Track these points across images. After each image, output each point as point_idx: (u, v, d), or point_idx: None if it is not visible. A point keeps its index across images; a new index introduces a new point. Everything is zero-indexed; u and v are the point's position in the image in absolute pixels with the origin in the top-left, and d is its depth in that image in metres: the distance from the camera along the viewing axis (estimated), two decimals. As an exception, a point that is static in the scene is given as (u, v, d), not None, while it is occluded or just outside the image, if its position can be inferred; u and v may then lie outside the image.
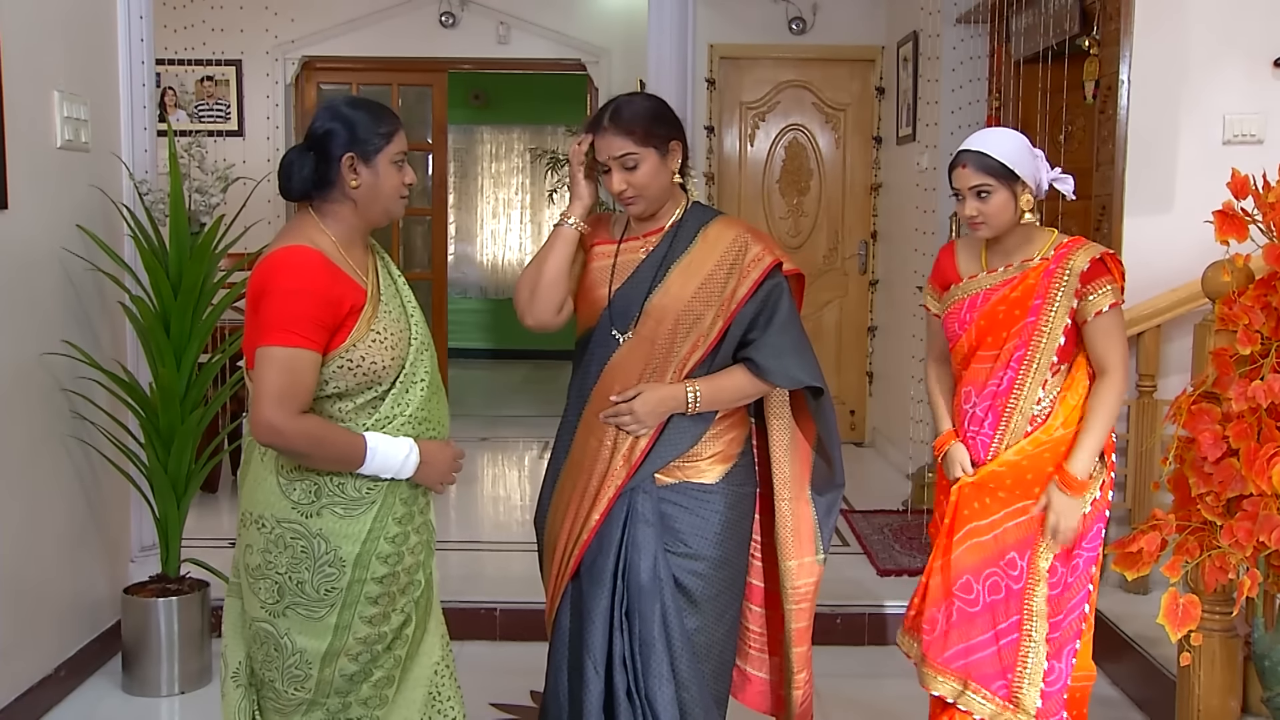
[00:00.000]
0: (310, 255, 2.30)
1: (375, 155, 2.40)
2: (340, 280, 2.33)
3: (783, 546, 2.80)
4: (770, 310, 2.65)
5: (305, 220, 2.41)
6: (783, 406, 2.82)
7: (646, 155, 2.63)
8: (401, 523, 2.43)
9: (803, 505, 2.82)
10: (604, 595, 2.66)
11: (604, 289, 2.72)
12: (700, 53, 7.10)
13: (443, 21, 7.63)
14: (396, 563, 2.42)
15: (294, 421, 2.26)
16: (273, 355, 2.25)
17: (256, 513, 2.39)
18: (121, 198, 4.09)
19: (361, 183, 2.39)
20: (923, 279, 5.91)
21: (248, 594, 2.43)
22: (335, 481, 2.35)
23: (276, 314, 2.26)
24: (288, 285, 2.27)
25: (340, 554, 2.35)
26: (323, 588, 2.35)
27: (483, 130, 12.04)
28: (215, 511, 5.63)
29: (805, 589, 2.81)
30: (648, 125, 2.63)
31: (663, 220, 2.73)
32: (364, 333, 2.34)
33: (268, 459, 2.38)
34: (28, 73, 3.53)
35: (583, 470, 2.72)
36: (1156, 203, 4.14)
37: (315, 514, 2.35)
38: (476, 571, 4.76)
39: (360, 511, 2.37)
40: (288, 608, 2.36)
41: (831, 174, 7.43)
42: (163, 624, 3.79)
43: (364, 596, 2.38)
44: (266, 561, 2.37)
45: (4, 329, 3.42)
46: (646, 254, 2.71)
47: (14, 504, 3.48)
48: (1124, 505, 4.17)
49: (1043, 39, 4.87)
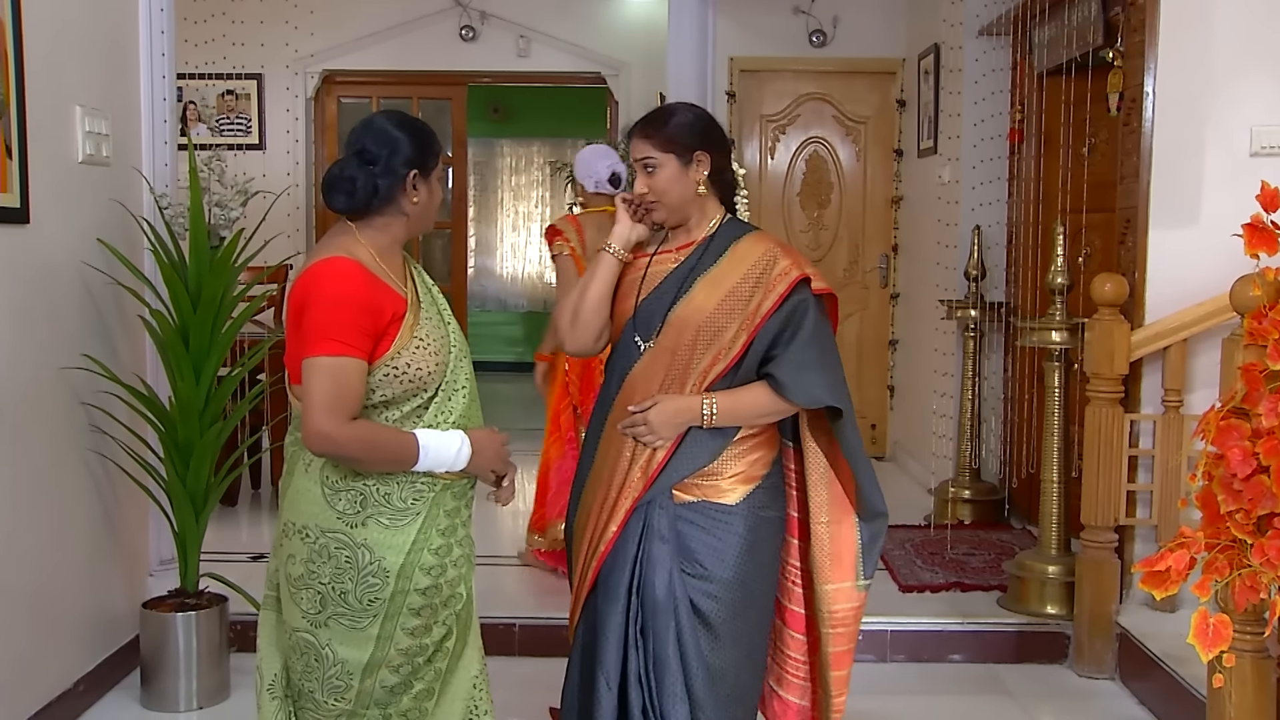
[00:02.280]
0: (349, 265, 2.34)
1: (431, 173, 2.48)
2: (380, 289, 2.36)
3: (819, 570, 2.73)
4: (795, 326, 2.60)
5: (343, 232, 2.44)
6: (818, 430, 2.75)
7: (665, 162, 2.64)
8: (445, 534, 2.45)
9: (845, 529, 2.73)
10: (618, 611, 2.63)
11: (632, 299, 2.71)
12: (720, 65, 7.10)
13: (463, 35, 7.65)
14: (439, 574, 2.43)
15: (346, 428, 2.28)
16: (320, 365, 2.28)
17: (300, 523, 2.40)
18: (142, 212, 4.10)
19: (420, 199, 2.46)
20: (945, 292, 5.93)
21: (288, 604, 2.44)
22: (381, 492, 2.37)
23: (320, 324, 2.29)
24: (329, 295, 2.30)
25: (384, 564, 2.36)
26: (366, 598, 2.37)
27: (502, 143, 12.05)
28: (235, 525, 5.62)
29: (843, 614, 2.74)
30: (670, 132, 2.64)
31: (696, 234, 2.72)
32: (407, 340, 2.36)
33: (312, 469, 2.39)
34: (50, 88, 3.53)
35: (602, 481, 2.71)
36: (1182, 216, 4.09)
37: (360, 524, 2.36)
38: (495, 586, 4.73)
39: (405, 522, 2.38)
40: (330, 618, 2.38)
41: (852, 187, 7.40)
42: (181, 639, 3.77)
43: (406, 608, 2.39)
44: (309, 571, 2.38)
45: (25, 342, 3.42)
46: (676, 265, 2.70)
47: (33, 517, 3.48)
48: (1150, 522, 4.12)
49: (1066, 51, 4.83)
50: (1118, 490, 4.07)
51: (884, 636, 4.30)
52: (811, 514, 2.74)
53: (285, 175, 6.82)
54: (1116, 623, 4.03)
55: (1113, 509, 4.06)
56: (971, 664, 4.26)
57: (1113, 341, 4.00)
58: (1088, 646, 4.06)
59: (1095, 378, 4.05)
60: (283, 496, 2.50)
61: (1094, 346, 4.03)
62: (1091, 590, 4.07)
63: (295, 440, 2.47)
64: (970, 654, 4.27)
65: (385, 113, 2.54)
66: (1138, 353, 4.04)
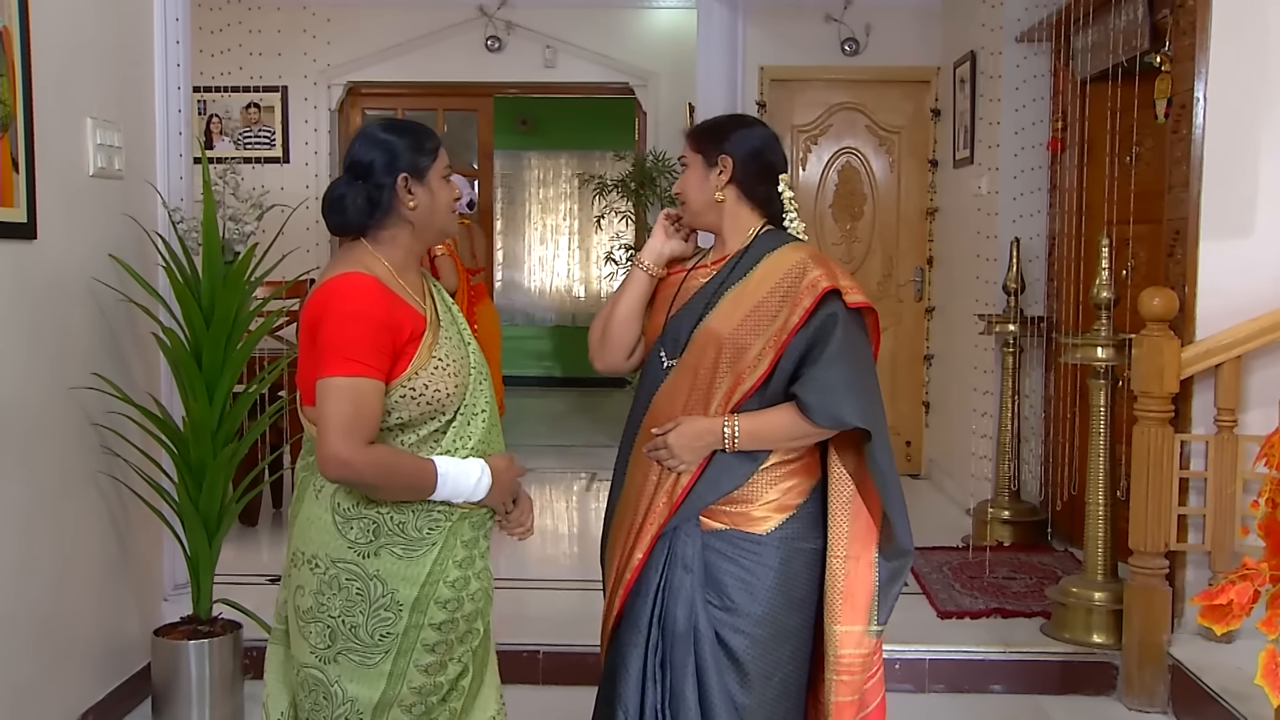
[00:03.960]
0: (365, 280, 2.23)
1: (427, 172, 2.35)
2: (399, 305, 2.25)
3: (829, 608, 2.51)
4: (823, 342, 2.41)
5: (357, 248, 2.33)
6: (848, 454, 2.56)
7: (692, 161, 2.60)
8: (462, 566, 2.33)
9: (862, 567, 2.52)
10: (639, 642, 2.51)
11: (662, 315, 2.60)
12: (750, 75, 6.98)
13: (488, 45, 7.55)
14: (456, 609, 2.32)
15: (363, 453, 2.16)
16: (336, 385, 2.16)
17: (309, 552, 2.29)
18: (156, 226, 3.99)
19: (418, 202, 2.34)
20: (985, 306, 5.76)
21: (296, 638, 2.33)
22: (395, 520, 2.26)
23: (336, 342, 2.17)
24: (345, 311, 2.19)
25: (397, 597, 2.25)
26: (377, 632, 2.25)
27: (530, 156, 11.97)
28: (255, 546, 5.51)
29: (850, 660, 2.51)
30: (700, 132, 2.62)
31: (733, 247, 2.60)
32: (425, 360, 2.25)
33: (323, 496, 2.28)
34: (59, 99, 3.43)
35: (629, 506, 2.58)
36: (1235, 227, 3.92)
37: (373, 554, 2.25)
38: (519, 611, 4.58)
39: (420, 553, 2.27)
40: (339, 653, 2.26)
41: (885, 198, 7.24)
42: (193, 667, 3.65)
43: (420, 643, 2.28)
44: (319, 604, 2.27)
45: (34, 361, 3.31)
46: (708, 280, 2.58)
47: (42, 542, 3.37)
48: (1202, 547, 3.93)
49: (1110, 56, 4.67)
50: (1168, 514, 3.89)
51: (922, 665, 4.14)
52: (830, 546, 2.53)
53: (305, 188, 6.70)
54: (1168, 653, 3.84)
55: (1163, 534, 3.89)
56: (1015, 695, 4.08)
57: (1162, 358, 3.83)
58: (1137, 678, 3.88)
59: (1144, 396, 3.88)
60: (292, 524, 2.39)
61: (1142, 363, 3.86)
62: (1141, 619, 3.89)
63: (307, 465, 2.36)
64: (1013, 684, 4.10)
65: (373, 121, 2.43)
66: (1188, 370, 3.87)
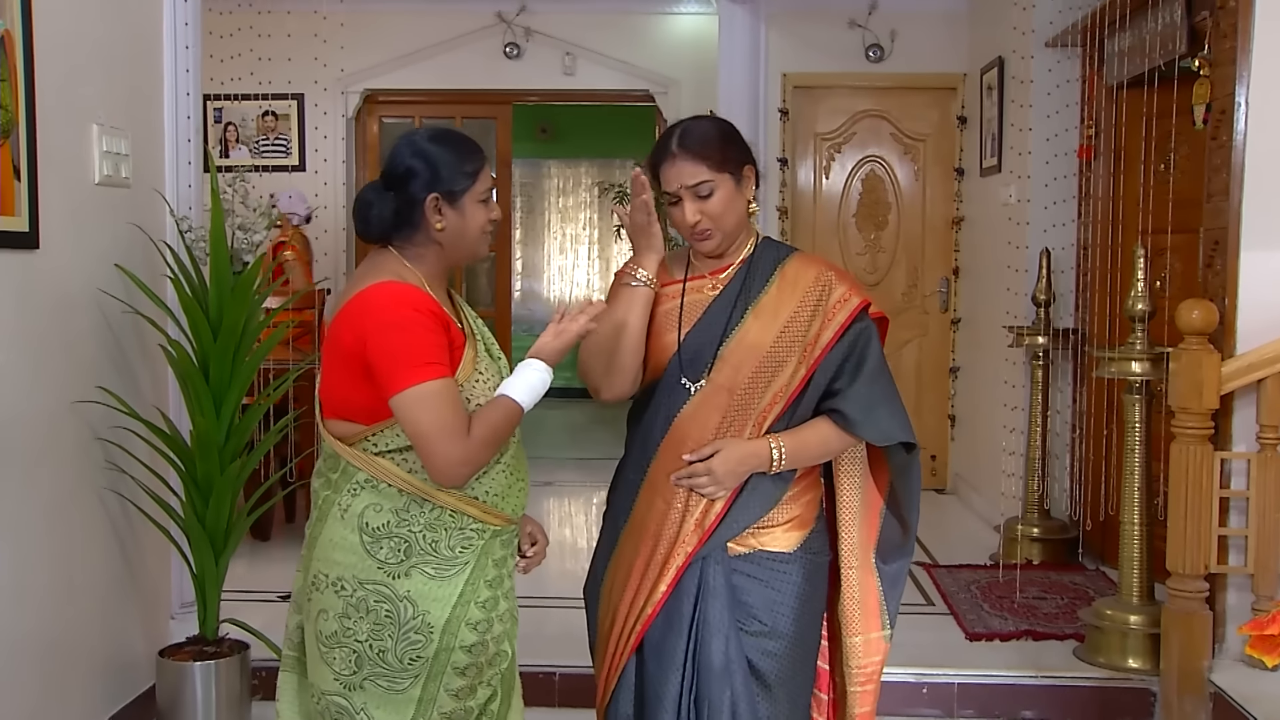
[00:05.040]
0: (404, 287, 2.15)
1: (461, 195, 2.24)
2: (443, 312, 2.18)
3: (848, 621, 2.54)
4: (859, 357, 2.39)
5: (387, 257, 2.25)
6: (854, 463, 2.54)
7: (721, 182, 2.38)
8: (492, 586, 2.26)
9: (869, 575, 2.55)
10: (674, 679, 2.40)
11: (672, 334, 2.46)
12: (773, 82, 6.87)
13: (507, 52, 7.46)
14: (486, 630, 2.24)
15: (474, 445, 2.13)
16: (424, 394, 2.09)
17: (334, 575, 2.20)
18: (164, 236, 3.90)
19: (447, 225, 2.24)
20: (1014, 319, 5.61)
21: (317, 665, 2.23)
22: (428, 539, 2.18)
23: (402, 352, 2.09)
24: (400, 320, 2.11)
25: (428, 619, 2.17)
26: (407, 656, 2.17)
27: (549, 164, 11.90)
28: (266, 561, 5.41)
29: (871, 668, 2.55)
30: (722, 148, 2.39)
31: (731, 257, 2.48)
32: (469, 373, 2.20)
33: (349, 516, 2.19)
34: (64, 105, 3.34)
35: (647, 535, 2.45)
36: (1278, 236, 3.77)
37: (404, 574, 2.17)
38: (535, 630, 4.42)
39: (453, 572, 2.20)
40: (366, 679, 2.18)
41: (910, 207, 7.11)
42: (199, 689, 3.55)
43: (450, 667, 2.20)
44: (344, 628, 2.18)
45: (36, 374, 3.22)
46: (717, 293, 2.45)
47: (45, 559, 3.28)
48: (1245, 570, 3.78)
49: (1144, 61, 4.54)
50: (1207, 535, 3.74)
51: (950, 689, 4.00)
52: (842, 557, 2.54)
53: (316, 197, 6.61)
54: (1210, 680, 3.69)
55: (1202, 555, 3.74)
56: (1047, 721, 3.95)
57: (1201, 373, 3.68)
58: (1177, 706, 3.73)
59: (1182, 412, 3.74)
60: (311, 546, 2.29)
61: (1180, 378, 3.72)
62: (1180, 644, 3.74)
63: (327, 483, 2.26)
64: (1046, 710, 3.96)
65: (420, 130, 2.33)
66: (1229, 385, 3.72)
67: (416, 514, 2.21)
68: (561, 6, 7.40)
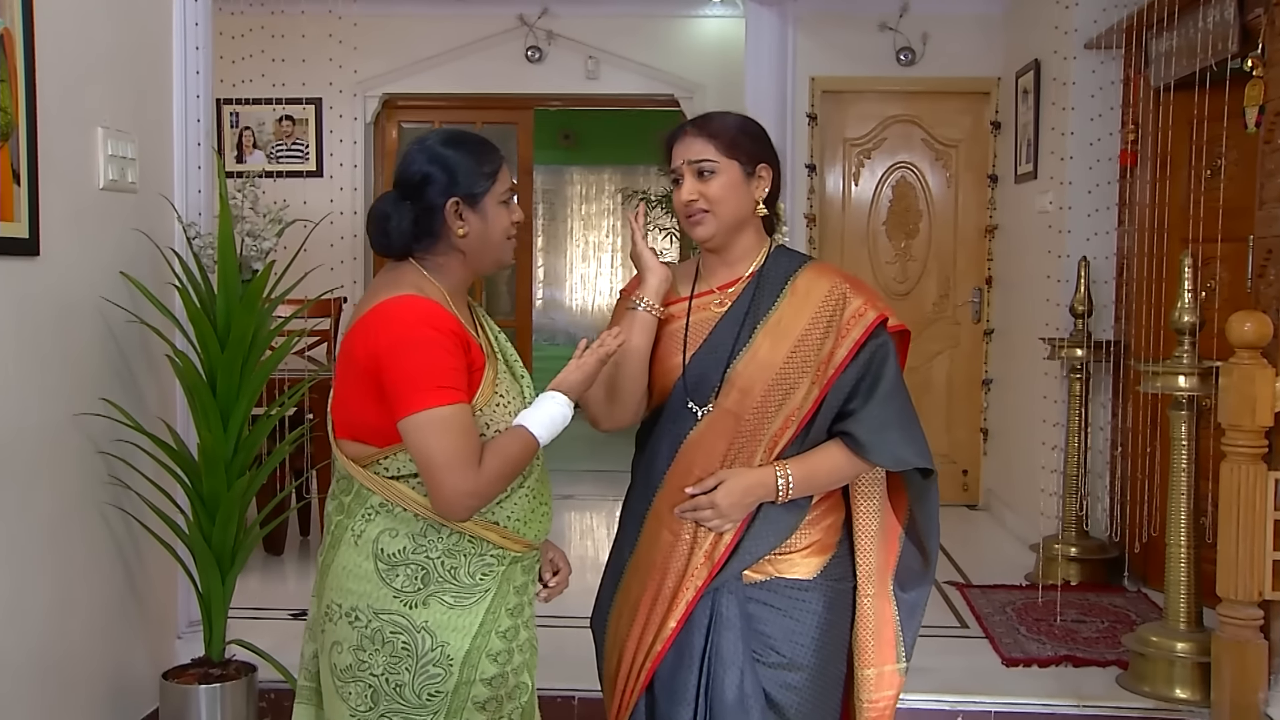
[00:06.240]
0: (424, 302, 2.04)
1: (482, 197, 2.14)
2: (463, 331, 2.07)
3: (861, 651, 2.42)
4: (874, 376, 2.26)
5: (407, 269, 2.14)
6: (873, 486, 2.43)
7: (727, 167, 2.28)
8: (513, 615, 2.16)
9: (885, 603, 2.44)
10: (685, 715, 2.29)
11: (677, 356, 2.33)
12: (801, 86, 6.72)
13: (529, 56, 7.34)
14: (506, 661, 2.14)
15: (483, 478, 2.03)
16: (436, 419, 1.98)
17: (348, 605, 2.10)
18: (171, 242, 3.78)
19: (470, 230, 2.13)
20: (1053, 330, 5.44)
21: (332, 699, 2.13)
22: (447, 566, 2.08)
23: (418, 372, 1.98)
24: (417, 338, 2.00)
25: (447, 651, 2.07)
26: (425, 691, 2.07)
27: (572, 171, 11.79)
28: (279, 577, 5.28)
29: (884, 703, 2.43)
30: (734, 135, 2.30)
31: (741, 269, 2.35)
32: (489, 395, 2.09)
33: (364, 542, 2.09)
34: (67, 108, 3.23)
35: (654, 568, 2.33)
36: (1335, 246, 3.60)
37: (421, 604, 2.07)
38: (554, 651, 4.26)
39: (473, 601, 2.10)
40: (382, 715, 2.09)
41: (942, 215, 6.94)
42: (204, 713, 3.42)
43: (471, 701, 2.10)
44: (359, 661, 2.08)
45: (35, 385, 3.10)
46: (724, 310, 2.33)
47: (45, 577, 3.16)
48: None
49: (1191, 62, 4.37)
50: (1261, 559, 3.56)
51: (987, 718, 3.83)
52: (860, 584, 2.41)
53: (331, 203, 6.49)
54: (1266, 715, 3.52)
55: (1256, 581, 3.56)
56: (1090, 754, 3.78)
57: (1254, 389, 3.51)
58: (1229, 740, 3.56)
59: (1233, 430, 3.56)
60: (324, 574, 2.18)
61: (1231, 394, 3.54)
62: (1232, 674, 3.56)
63: (340, 506, 2.15)
64: (1088, 742, 3.79)
65: (431, 134, 2.21)
66: (1284, 402, 3.55)
67: (434, 540, 2.11)
68: (584, 9, 7.28)
